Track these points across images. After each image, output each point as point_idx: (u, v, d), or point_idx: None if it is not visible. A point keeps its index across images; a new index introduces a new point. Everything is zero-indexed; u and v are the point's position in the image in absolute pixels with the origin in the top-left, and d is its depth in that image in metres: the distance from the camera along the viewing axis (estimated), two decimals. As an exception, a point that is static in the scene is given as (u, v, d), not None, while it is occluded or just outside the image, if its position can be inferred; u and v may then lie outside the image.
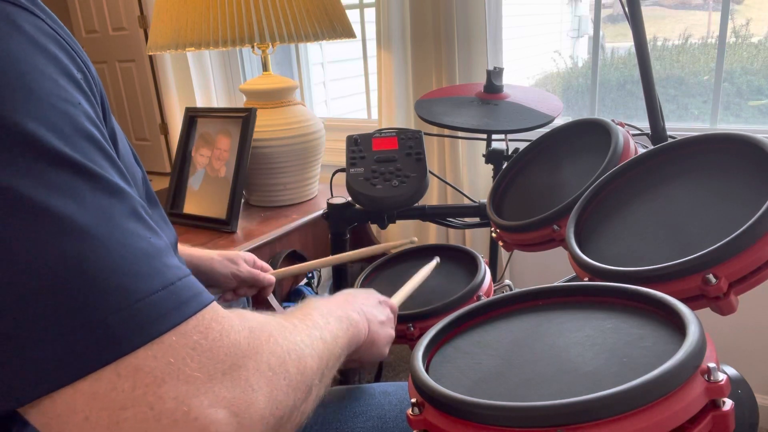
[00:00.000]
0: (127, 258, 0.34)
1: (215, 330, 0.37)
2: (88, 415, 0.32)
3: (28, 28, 0.35)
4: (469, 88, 1.31)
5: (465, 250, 0.93)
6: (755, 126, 1.51)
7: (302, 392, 0.42)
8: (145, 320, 0.33)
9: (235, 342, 0.37)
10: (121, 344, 0.32)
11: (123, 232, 0.35)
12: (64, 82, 0.36)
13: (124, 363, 0.32)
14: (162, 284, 0.35)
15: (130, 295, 0.33)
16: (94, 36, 2.38)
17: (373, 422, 0.67)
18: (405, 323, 0.78)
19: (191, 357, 0.35)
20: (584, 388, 0.42)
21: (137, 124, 2.41)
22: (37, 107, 0.33)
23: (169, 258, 0.37)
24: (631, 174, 0.72)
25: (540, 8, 3.85)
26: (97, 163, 0.35)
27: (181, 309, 0.35)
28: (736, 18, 2.55)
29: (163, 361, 0.33)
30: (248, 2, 1.30)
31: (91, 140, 0.36)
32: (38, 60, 0.34)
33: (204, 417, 0.34)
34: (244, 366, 0.37)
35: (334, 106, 2.34)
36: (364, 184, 1.07)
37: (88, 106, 0.37)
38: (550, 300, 0.57)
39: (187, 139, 1.53)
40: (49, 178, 0.32)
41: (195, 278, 0.38)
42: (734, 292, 0.52)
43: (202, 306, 0.37)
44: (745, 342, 1.42)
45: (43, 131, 0.33)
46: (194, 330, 0.35)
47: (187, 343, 0.35)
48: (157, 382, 0.33)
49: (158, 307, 0.34)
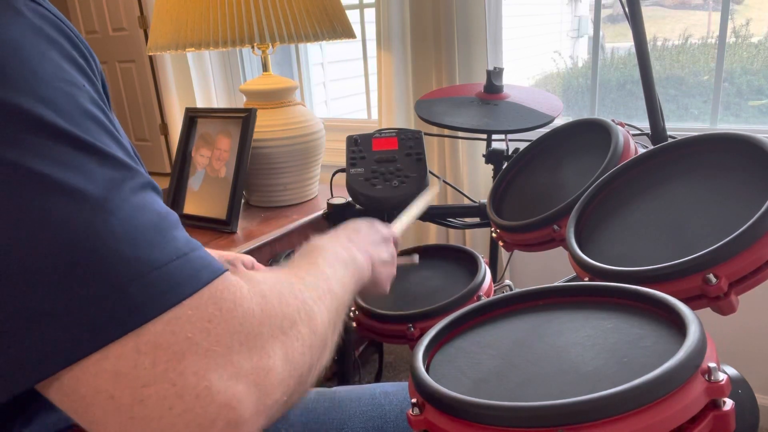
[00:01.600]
0: (140, 229, 0.34)
1: (228, 300, 0.37)
2: (113, 394, 0.32)
3: (29, 14, 0.35)
4: (469, 89, 1.31)
5: (465, 250, 0.93)
6: (755, 126, 1.51)
7: (318, 348, 0.43)
8: (162, 289, 0.34)
9: (248, 310, 0.37)
10: (139, 312, 0.33)
11: (133, 204, 0.35)
12: (67, 65, 0.36)
13: (143, 339, 0.33)
14: (176, 254, 0.35)
15: (145, 264, 0.33)
16: (94, 36, 2.38)
17: (374, 422, 0.67)
18: (405, 323, 0.78)
19: (208, 330, 0.35)
20: (584, 388, 0.42)
21: (137, 125, 2.41)
22: (42, 89, 0.33)
23: (180, 231, 0.37)
24: (631, 174, 0.72)
25: (540, 8, 3.86)
26: (104, 142, 0.36)
27: (195, 277, 0.35)
28: (736, 18, 2.55)
29: (182, 336, 0.34)
30: (248, 2, 1.30)
31: (97, 121, 0.36)
32: (40, 44, 0.35)
33: (225, 390, 0.34)
34: (260, 334, 0.37)
35: (334, 106, 2.34)
36: (364, 184, 1.07)
37: (92, 89, 0.37)
38: (550, 300, 0.57)
39: (187, 140, 1.53)
40: (58, 155, 0.33)
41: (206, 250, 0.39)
42: (735, 292, 0.52)
43: (216, 275, 0.37)
44: (746, 342, 1.41)
45: (49, 112, 0.33)
46: (209, 301, 0.36)
47: (203, 316, 0.35)
48: (177, 357, 0.33)
49: (174, 276, 0.34)
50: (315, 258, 0.53)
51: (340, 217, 1.17)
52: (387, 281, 0.67)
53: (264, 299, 0.39)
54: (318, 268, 0.51)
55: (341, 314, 0.50)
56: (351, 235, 0.63)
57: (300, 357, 0.40)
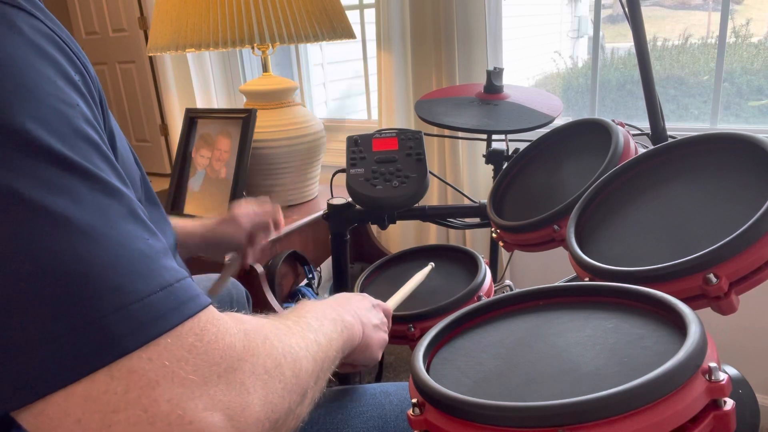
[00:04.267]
0: (125, 258, 0.34)
1: (211, 332, 0.36)
2: (81, 418, 0.32)
3: (27, 30, 0.35)
4: (469, 89, 1.31)
5: (465, 250, 0.93)
6: (755, 126, 1.51)
7: (297, 395, 0.42)
8: (143, 321, 0.33)
9: (230, 344, 0.37)
10: (118, 345, 0.32)
11: (120, 232, 0.34)
12: (62, 83, 0.36)
13: (118, 365, 0.32)
14: (160, 285, 0.35)
15: (127, 295, 0.33)
16: (94, 37, 2.38)
17: (374, 422, 0.67)
18: (405, 324, 0.77)
19: (186, 360, 0.34)
20: (585, 388, 0.42)
21: (137, 126, 2.41)
22: (35, 108, 0.33)
23: (167, 260, 0.37)
24: (631, 174, 0.72)
25: (540, 8, 3.86)
26: (95, 165, 0.35)
27: (178, 310, 0.35)
28: (736, 18, 2.55)
29: (158, 363, 0.33)
30: (248, 3, 1.30)
31: (89, 142, 0.36)
32: (37, 62, 0.34)
33: (199, 420, 0.34)
34: (240, 368, 0.37)
35: (334, 106, 2.34)
36: (364, 184, 1.07)
37: (86, 108, 0.37)
38: (550, 300, 0.57)
39: (187, 140, 1.53)
40: (46, 177, 0.32)
41: (192, 281, 0.38)
42: (735, 291, 0.52)
43: (200, 308, 0.37)
44: (746, 342, 1.41)
45: (41, 131, 0.33)
46: (190, 332, 0.35)
47: (182, 346, 0.34)
48: (151, 384, 0.33)
49: (156, 308, 0.34)
50: (303, 312, 0.53)
51: (340, 217, 1.17)
52: (378, 347, 0.65)
53: (247, 336, 0.39)
54: (306, 321, 0.50)
55: (326, 369, 0.49)
56: (341, 301, 0.63)
57: (279, 400, 0.39)
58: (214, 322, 0.37)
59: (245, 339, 0.39)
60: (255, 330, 0.41)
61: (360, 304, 0.65)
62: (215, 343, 0.36)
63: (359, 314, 0.62)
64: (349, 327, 0.58)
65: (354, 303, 0.64)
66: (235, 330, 0.38)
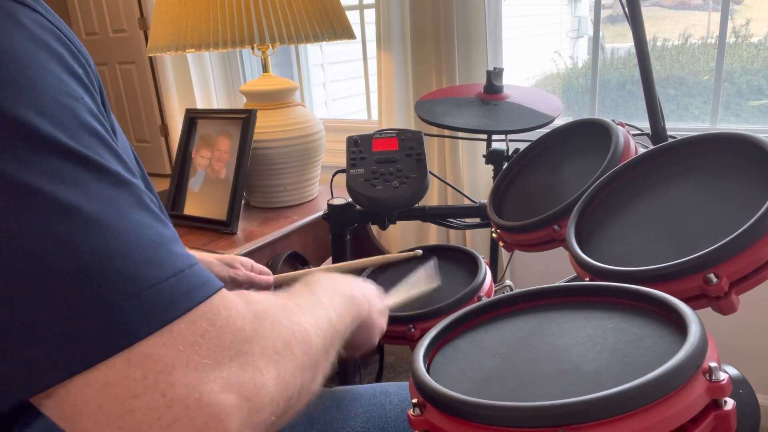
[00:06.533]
0: (136, 246, 0.34)
1: (222, 316, 0.37)
2: (102, 404, 0.32)
3: (30, 24, 0.35)
4: (469, 89, 1.31)
5: (465, 250, 0.93)
6: (755, 126, 1.51)
7: (310, 372, 0.43)
8: (157, 307, 0.34)
9: (240, 327, 0.38)
10: (133, 331, 0.33)
11: (130, 220, 0.35)
12: (66, 76, 0.36)
13: (134, 351, 0.33)
14: (172, 272, 0.35)
15: (140, 282, 0.33)
16: (94, 38, 2.38)
17: (375, 422, 0.67)
18: (406, 324, 0.78)
19: (200, 344, 0.35)
20: (585, 388, 0.42)
21: (137, 126, 2.41)
22: (40, 101, 0.33)
23: (177, 246, 0.37)
24: (631, 174, 0.72)
25: (540, 8, 3.86)
26: (102, 156, 0.35)
27: (190, 295, 0.36)
28: (736, 18, 2.56)
29: (173, 348, 0.34)
30: (248, 3, 1.30)
31: (95, 134, 0.36)
32: (40, 55, 0.35)
33: (216, 403, 0.34)
34: (251, 351, 0.38)
35: (334, 107, 2.34)
36: (364, 184, 1.07)
37: (90, 100, 0.37)
38: (550, 300, 0.57)
39: (187, 141, 1.53)
40: (54, 169, 0.33)
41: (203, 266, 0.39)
42: (735, 291, 0.52)
43: (212, 292, 0.37)
44: (747, 342, 1.41)
45: (47, 124, 0.33)
46: (203, 317, 0.36)
47: (196, 330, 0.35)
48: (168, 369, 0.33)
49: (169, 294, 0.34)
50: (313, 287, 0.54)
51: (340, 217, 1.17)
52: (378, 332, 0.66)
53: (257, 318, 0.40)
54: (315, 296, 0.51)
55: (335, 344, 0.50)
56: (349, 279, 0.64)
57: (291, 378, 0.40)
58: (226, 306, 0.38)
59: (254, 321, 0.39)
60: (264, 311, 0.41)
61: (369, 287, 0.67)
62: (227, 327, 0.37)
63: (367, 295, 0.63)
64: (358, 303, 0.59)
65: (362, 284, 0.65)
66: (245, 312, 0.39)
